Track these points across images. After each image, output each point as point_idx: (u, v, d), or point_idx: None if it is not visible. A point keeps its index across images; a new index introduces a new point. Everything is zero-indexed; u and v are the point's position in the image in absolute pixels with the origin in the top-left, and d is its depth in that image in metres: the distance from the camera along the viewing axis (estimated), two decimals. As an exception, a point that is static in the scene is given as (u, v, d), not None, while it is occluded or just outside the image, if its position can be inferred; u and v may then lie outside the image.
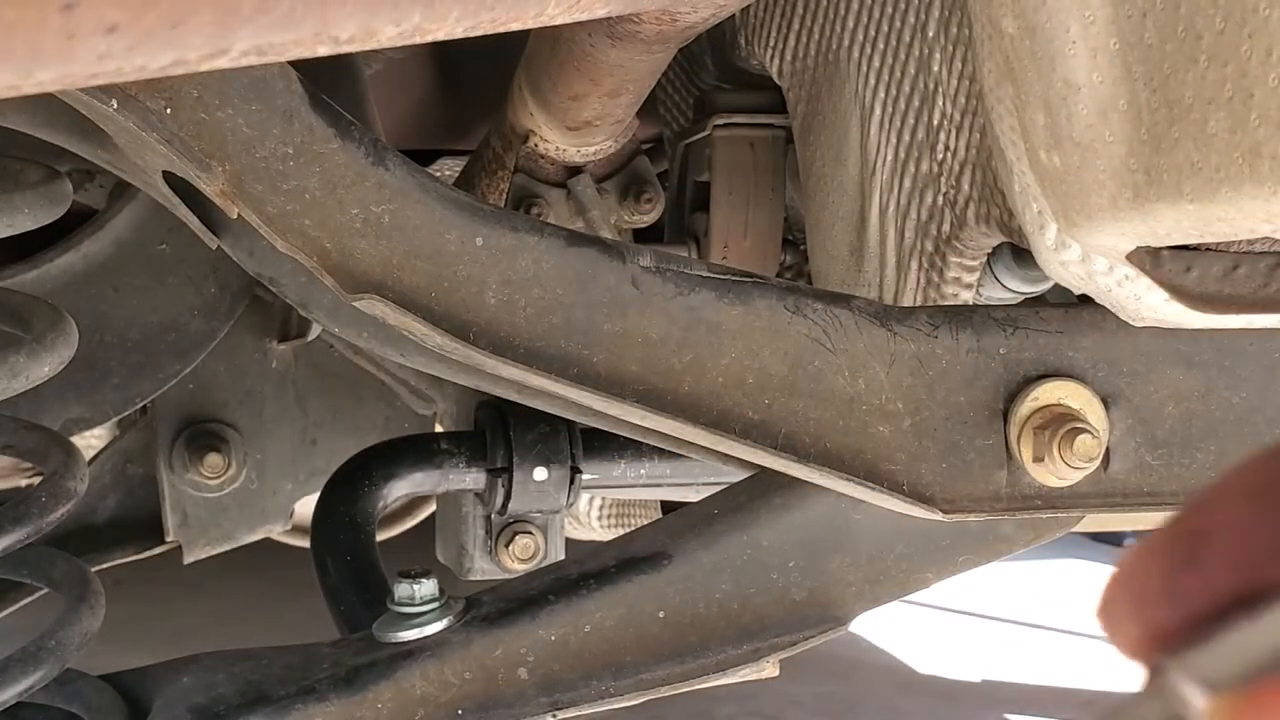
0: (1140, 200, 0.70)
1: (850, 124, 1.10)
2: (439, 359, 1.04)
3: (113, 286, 1.31)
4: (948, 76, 0.98)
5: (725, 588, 0.96)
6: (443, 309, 0.82)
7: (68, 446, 0.95)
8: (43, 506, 0.88)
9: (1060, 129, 0.74)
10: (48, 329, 0.89)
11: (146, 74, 0.46)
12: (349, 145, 0.81)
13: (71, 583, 0.96)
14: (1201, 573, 0.29)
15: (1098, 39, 0.70)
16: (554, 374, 0.83)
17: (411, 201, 0.82)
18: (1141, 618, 0.29)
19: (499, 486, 1.25)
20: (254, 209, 0.79)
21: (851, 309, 0.88)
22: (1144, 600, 0.29)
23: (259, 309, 1.43)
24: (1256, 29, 0.61)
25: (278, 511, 1.49)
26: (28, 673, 0.88)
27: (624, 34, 0.98)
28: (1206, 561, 0.28)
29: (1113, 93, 0.70)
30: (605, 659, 0.94)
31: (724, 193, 1.39)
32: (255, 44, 0.47)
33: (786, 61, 1.22)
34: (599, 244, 0.85)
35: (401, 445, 1.29)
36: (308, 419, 1.50)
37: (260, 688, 0.93)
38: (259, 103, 0.79)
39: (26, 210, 0.92)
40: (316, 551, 1.18)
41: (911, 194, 1.03)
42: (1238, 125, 0.63)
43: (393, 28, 0.52)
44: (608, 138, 1.37)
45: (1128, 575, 0.30)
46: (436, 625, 0.94)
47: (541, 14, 0.61)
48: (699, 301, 0.86)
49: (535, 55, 1.25)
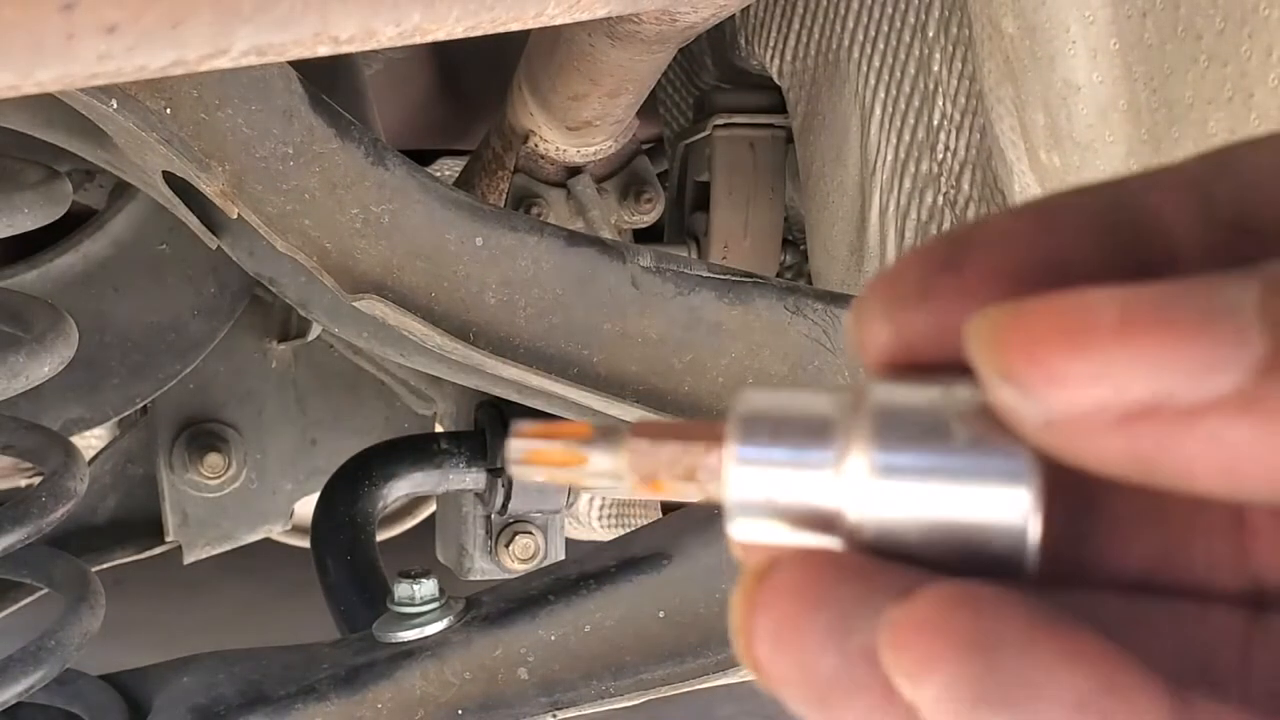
0: (1140, 200, 0.70)
1: (850, 124, 1.10)
2: (439, 359, 1.04)
3: (113, 287, 1.31)
4: (948, 77, 0.98)
5: (725, 587, 0.96)
6: (442, 309, 0.82)
7: (68, 446, 0.95)
8: (43, 507, 0.87)
9: (1060, 129, 0.74)
10: (48, 329, 0.89)
11: (146, 74, 0.46)
12: (349, 145, 0.81)
13: (71, 583, 0.96)
14: (959, 276, 0.27)
15: (1098, 39, 0.70)
16: (554, 374, 0.83)
17: (411, 201, 0.82)
18: (891, 317, 0.27)
19: (499, 486, 1.25)
20: (254, 209, 0.79)
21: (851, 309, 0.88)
22: (896, 300, 0.27)
23: (259, 309, 1.43)
24: (1257, 29, 0.61)
25: (278, 511, 1.49)
26: (28, 672, 0.87)
27: (624, 34, 0.98)
28: (966, 266, 0.27)
29: (1113, 93, 0.70)
30: (605, 659, 0.94)
31: (724, 193, 1.39)
32: (255, 44, 0.47)
33: (786, 61, 1.22)
34: (599, 244, 0.85)
35: (401, 445, 1.28)
36: (308, 419, 1.50)
37: (260, 688, 0.93)
38: (259, 103, 0.79)
39: (26, 210, 0.92)
40: (316, 551, 1.18)
41: (911, 194, 1.03)
42: (1238, 125, 0.63)
43: (393, 28, 0.52)
44: (608, 138, 1.37)
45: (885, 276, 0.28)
46: (436, 625, 0.94)
47: (541, 14, 0.61)
48: (699, 301, 0.86)
49: (535, 55, 1.25)
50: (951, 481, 0.26)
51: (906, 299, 0.27)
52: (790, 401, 0.28)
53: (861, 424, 0.27)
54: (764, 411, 0.28)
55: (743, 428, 0.28)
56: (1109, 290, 0.24)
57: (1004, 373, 0.25)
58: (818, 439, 0.27)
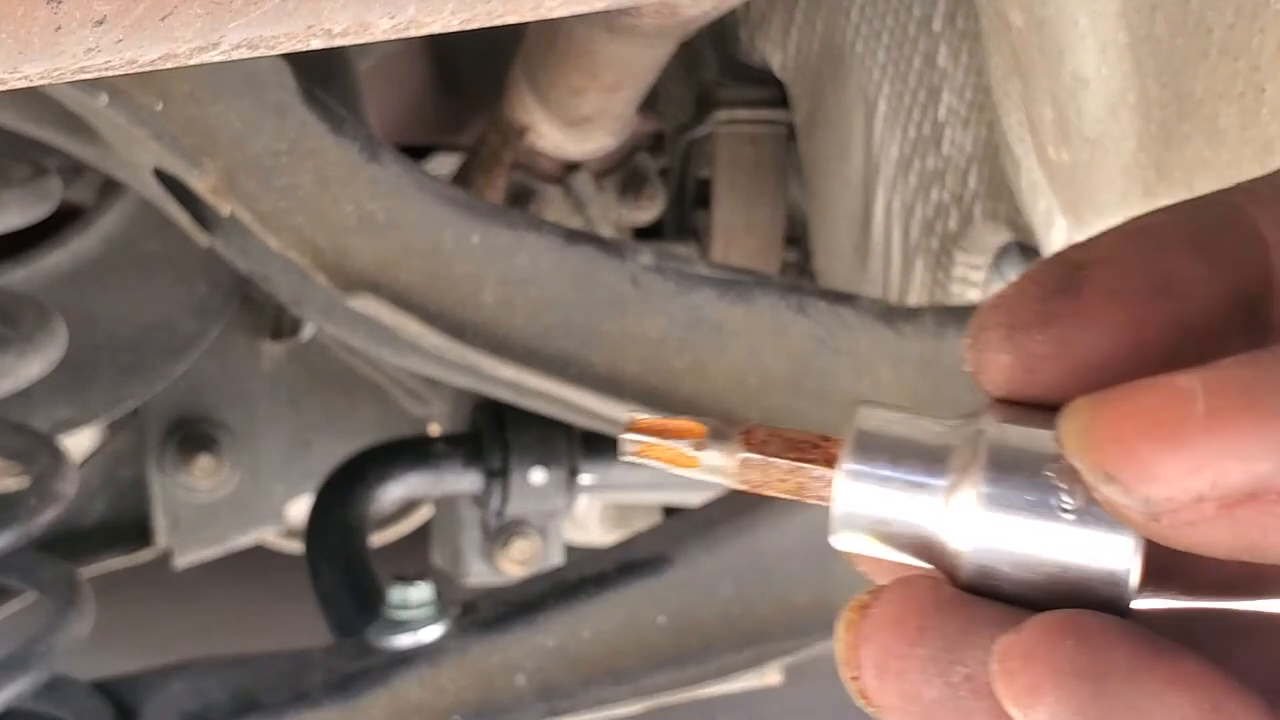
0: (1151, 196, 0.70)
1: (854, 119, 1.10)
2: (434, 359, 1.03)
3: (102, 285, 1.30)
4: (954, 71, 0.98)
5: (727, 592, 0.95)
6: (439, 308, 0.82)
7: (56, 449, 0.94)
8: (31, 510, 0.87)
9: (1069, 124, 0.74)
10: (36, 328, 0.88)
11: (136, 68, 0.45)
12: (343, 141, 0.81)
13: (60, 587, 0.96)
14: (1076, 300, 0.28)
15: (1107, 32, 0.69)
16: (552, 374, 0.83)
17: (407, 198, 0.82)
18: (1012, 342, 0.28)
19: (496, 489, 1.24)
20: (246, 206, 0.79)
21: (856, 308, 0.88)
22: (1016, 324, 0.28)
23: (251, 308, 1.43)
24: (1268, 23, 0.61)
25: (270, 514, 1.49)
26: (15, 678, 0.87)
27: (623, 27, 0.98)
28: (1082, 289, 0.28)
29: (1122, 87, 0.70)
30: (604, 665, 0.94)
31: (726, 189, 1.39)
32: (246, 37, 0.47)
33: (789, 56, 1.22)
34: (598, 242, 0.86)
35: (397, 447, 1.28)
36: (301, 420, 1.49)
37: (253, 694, 0.93)
38: (251, 98, 0.79)
39: (14, 208, 0.91)
40: (310, 555, 1.18)
41: (917, 190, 1.03)
42: (1249, 120, 0.63)
43: (387, 20, 0.51)
44: (607, 134, 1.37)
45: (1001, 302, 0.29)
46: (432, 631, 0.94)
47: (539, 7, 0.60)
48: (700, 300, 0.85)
49: (533, 49, 1.25)
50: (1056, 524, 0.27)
51: (1026, 324, 0.28)
52: (907, 425, 0.29)
53: (976, 458, 0.28)
54: (880, 432, 0.29)
55: (858, 445, 0.29)
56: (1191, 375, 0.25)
57: (1101, 471, 0.25)
58: (931, 466, 0.29)
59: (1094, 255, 0.28)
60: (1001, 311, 0.28)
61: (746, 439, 0.30)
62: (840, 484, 0.29)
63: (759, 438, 0.30)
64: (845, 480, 0.29)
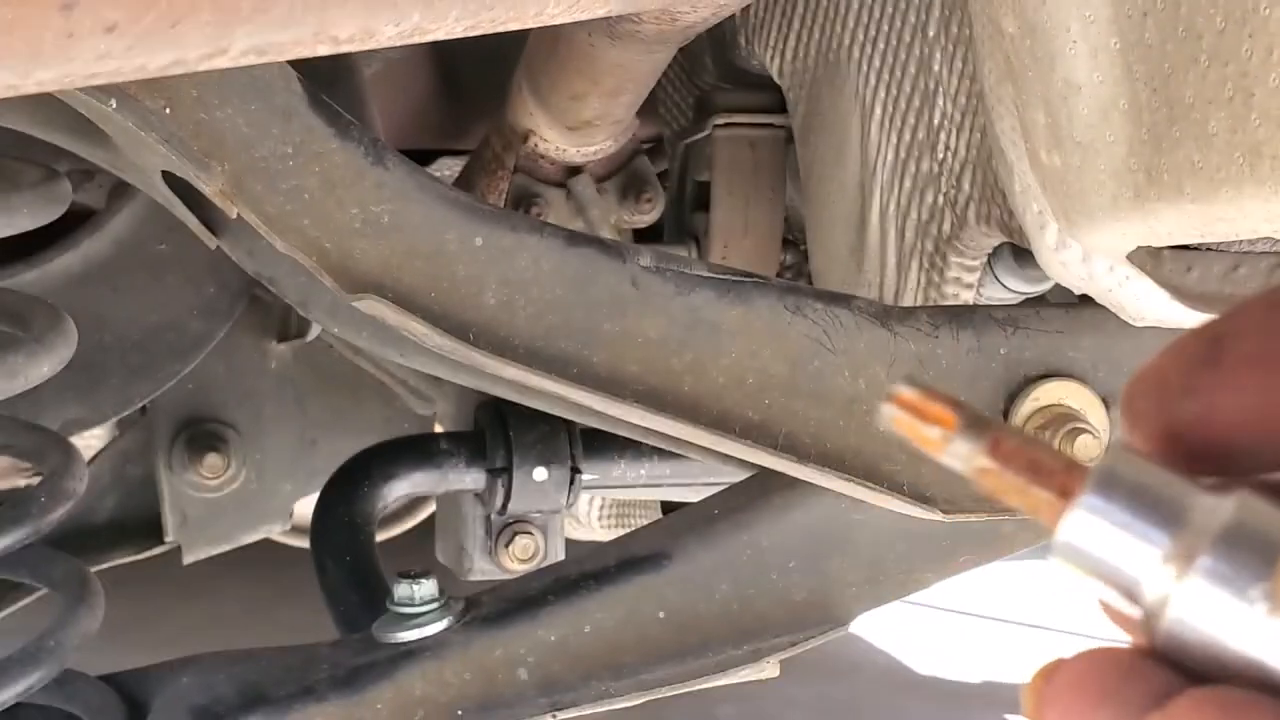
0: (1141, 200, 0.70)
1: (851, 124, 1.10)
2: (438, 359, 1.04)
3: (112, 286, 1.31)
4: (948, 76, 0.98)
5: (725, 588, 0.96)
6: (442, 309, 0.82)
7: (66, 447, 0.94)
8: (42, 507, 0.87)
9: (1061, 129, 0.74)
10: (47, 329, 0.89)
11: (146, 73, 0.46)
12: (348, 145, 0.81)
13: (70, 583, 0.96)
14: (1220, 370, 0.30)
15: (1098, 38, 0.70)
16: (554, 374, 0.83)
17: (411, 201, 0.82)
18: (1163, 410, 0.31)
19: (499, 486, 1.25)
20: (253, 209, 0.79)
21: (852, 309, 0.88)
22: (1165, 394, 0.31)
23: (258, 309, 1.43)
24: (1257, 28, 0.61)
25: (277, 512, 1.49)
26: (27, 673, 0.87)
27: (624, 33, 0.98)
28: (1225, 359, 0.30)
29: (1113, 92, 0.70)
30: (605, 659, 0.94)
31: (724, 192, 1.39)
32: (254, 43, 0.47)
33: (786, 61, 1.22)
34: (599, 244, 0.85)
35: (401, 445, 1.28)
36: (307, 419, 1.50)
37: (260, 688, 0.93)
38: (258, 102, 0.79)
39: (25, 210, 0.91)
40: (316, 552, 1.18)
41: (912, 194, 1.03)
42: (1238, 125, 0.63)
43: (392, 27, 0.52)
44: (608, 137, 1.37)
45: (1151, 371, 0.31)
46: (436, 626, 0.94)
47: (541, 13, 0.61)
48: (699, 301, 0.85)
49: (535, 55, 1.25)
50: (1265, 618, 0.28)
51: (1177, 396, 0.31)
52: (1153, 477, 0.30)
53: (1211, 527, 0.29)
54: (1126, 475, 0.30)
55: (1101, 480, 0.30)
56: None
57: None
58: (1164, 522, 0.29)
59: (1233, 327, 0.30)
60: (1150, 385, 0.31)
61: (993, 447, 0.32)
62: (1070, 517, 0.30)
63: (1006, 449, 0.32)
64: (1076, 514, 0.30)
